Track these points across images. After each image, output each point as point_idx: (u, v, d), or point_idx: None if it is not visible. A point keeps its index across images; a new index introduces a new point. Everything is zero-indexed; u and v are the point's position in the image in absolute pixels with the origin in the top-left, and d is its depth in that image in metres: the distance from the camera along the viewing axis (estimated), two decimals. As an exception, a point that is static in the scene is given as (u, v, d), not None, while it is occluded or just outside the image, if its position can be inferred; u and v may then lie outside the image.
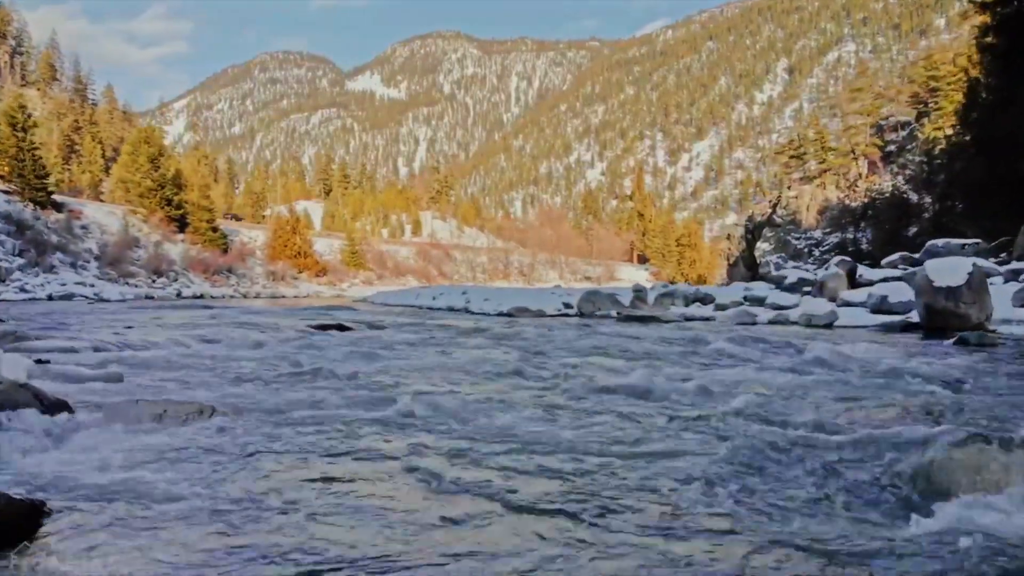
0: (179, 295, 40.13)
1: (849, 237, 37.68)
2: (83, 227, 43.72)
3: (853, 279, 13.63)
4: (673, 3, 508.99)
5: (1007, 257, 14.88)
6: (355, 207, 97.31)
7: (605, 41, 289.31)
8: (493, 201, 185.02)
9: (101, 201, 54.29)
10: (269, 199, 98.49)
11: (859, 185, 43.85)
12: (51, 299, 29.29)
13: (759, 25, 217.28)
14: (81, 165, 62.57)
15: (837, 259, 14.47)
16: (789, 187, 50.65)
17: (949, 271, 9.25)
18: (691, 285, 23.33)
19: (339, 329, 10.21)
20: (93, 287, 34.38)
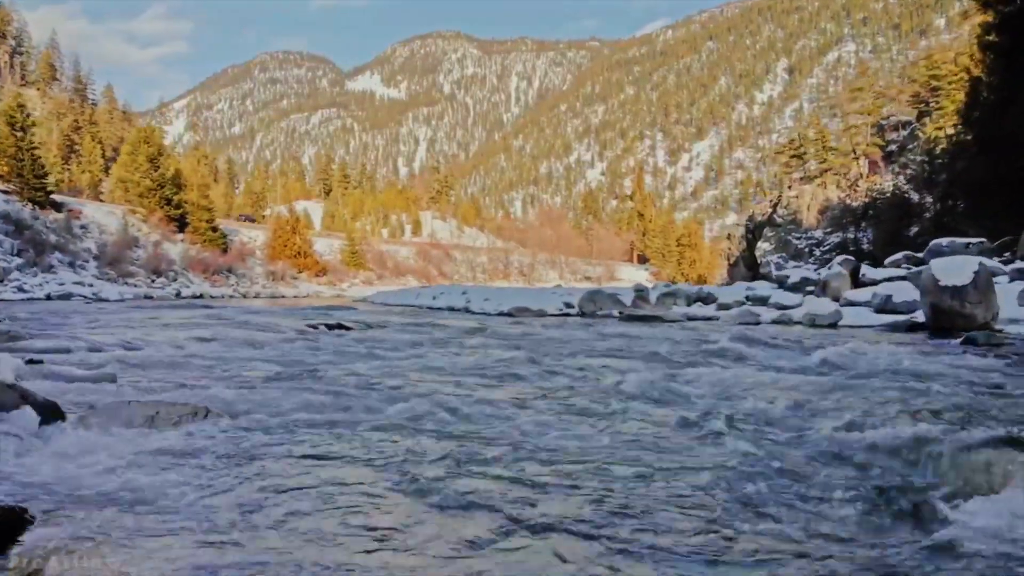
0: (178, 295, 40.04)
1: (850, 237, 37.54)
2: (82, 227, 43.63)
3: (856, 279, 13.53)
4: (673, 3, 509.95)
5: (1011, 256, 14.81)
6: (355, 207, 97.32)
7: (605, 41, 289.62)
8: (493, 201, 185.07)
9: (100, 201, 54.23)
10: (269, 199, 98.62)
11: (860, 185, 43.71)
12: (49, 299, 29.21)
13: (759, 25, 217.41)
14: (81, 165, 62.54)
15: (841, 258, 14.37)
16: (790, 187, 50.53)
17: (955, 270, 9.14)
18: (692, 285, 23.24)
19: (339, 329, 10.15)
20: (92, 287, 34.27)
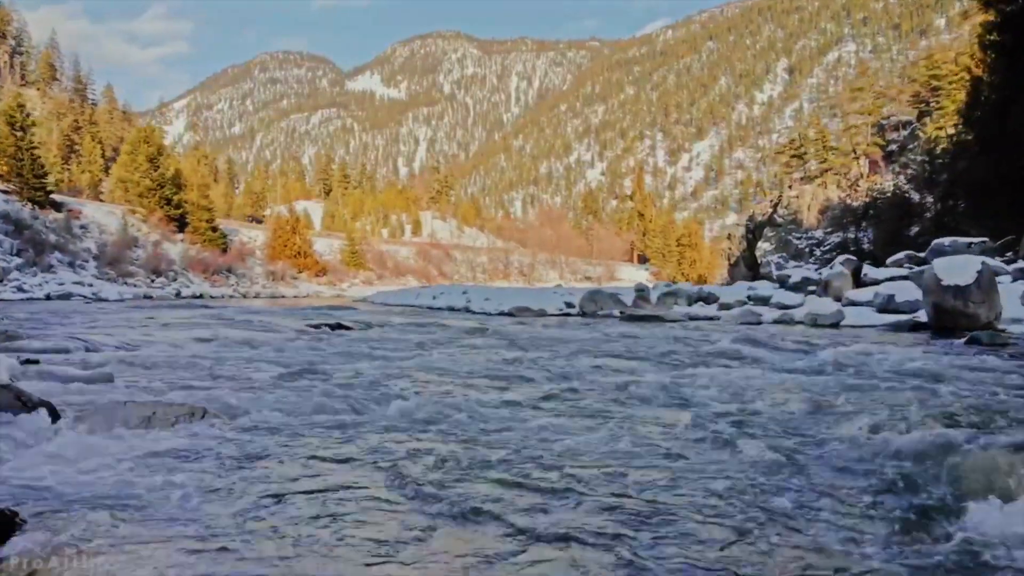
0: (178, 295, 39.99)
1: (850, 237, 37.51)
2: (82, 227, 43.58)
3: (858, 278, 13.48)
4: (673, 3, 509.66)
5: (1013, 256, 14.77)
6: (355, 207, 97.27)
7: (605, 41, 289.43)
8: (493, 201, 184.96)
9: (100, 201, 54.17)
10: (269, 199, 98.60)
11: (860, 185, 43.67)
12: (49, 299, 29.16)
13: (759, 25, 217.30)
14: (81, 165, 62.50)
15: (842, 258, 14.31)
16: (790, 186, 50.48)
17: (958, 270, 9.09)
18: (693, 285, 23.17)
19: (338, 328, 10.10)
20: (91, 287, 34.21)
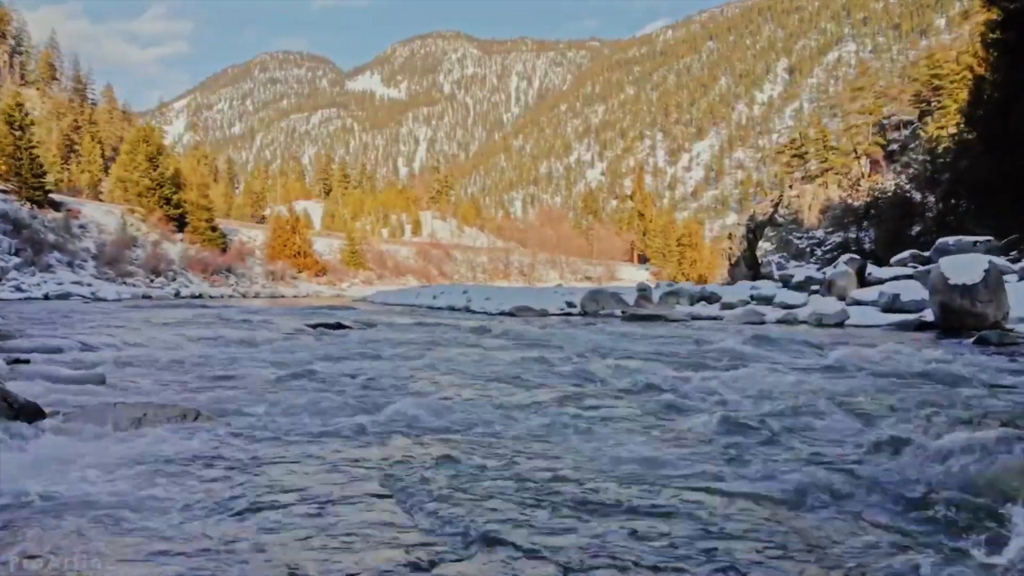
0: (177, 295, 39.86)
1: (852, 236, 37.39)
2: (81, 226, 43.44)
3: (862, 278, 13.37)
4: (673, 3, 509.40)
5: (1018, 255, 14.67)
6: (355, 207, 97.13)
7: (605, 41, 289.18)
8: (493, 201, 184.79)
9: (100, 200, 54.03)
10: (269, 199, 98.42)
11: (861, 184, 43.53)
12: (47, 298, 29.04)
13: (759, 25, 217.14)
14: (80, 165, 62.38)
15: (846, 257, 14.19)
16: (791, 186, 50.36)
17: (965, 269, 8.99)
18: (694, 284, 23.06)
19: (338, 328, 10.01)
20: (90, 286, 34.08)
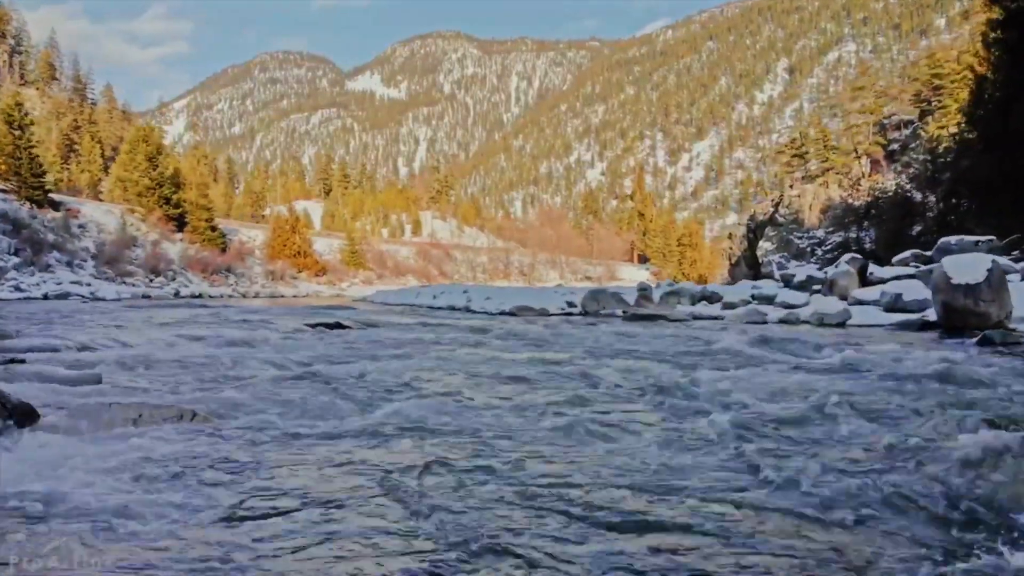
0: (177, 294, 39.80)
1: (852, 236, 37.33)
2: (80, 226, 43.39)
3: (864, 277, 13.31)
4: (673, 3, 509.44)
5: (1020, 254, 14.63)
6: (355, 207, 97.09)
7: (605, 41, 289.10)
8: (493, 201, 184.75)
9: (99, 200, 53.98)
10: (269, 199, 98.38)
11: (862, 184, 43.48)
12: (47, 298, 28.98)
13: (759, 25, 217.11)
14: (80, 164, 62.35)
15: (848, 257, 14.14)
16: (791, 186, 50.32)
17: (967, 268, 8.94)
18: (695, 284, 23.02)
19: (338, 328, 9.95)
20: (89, 286, 34.02)
